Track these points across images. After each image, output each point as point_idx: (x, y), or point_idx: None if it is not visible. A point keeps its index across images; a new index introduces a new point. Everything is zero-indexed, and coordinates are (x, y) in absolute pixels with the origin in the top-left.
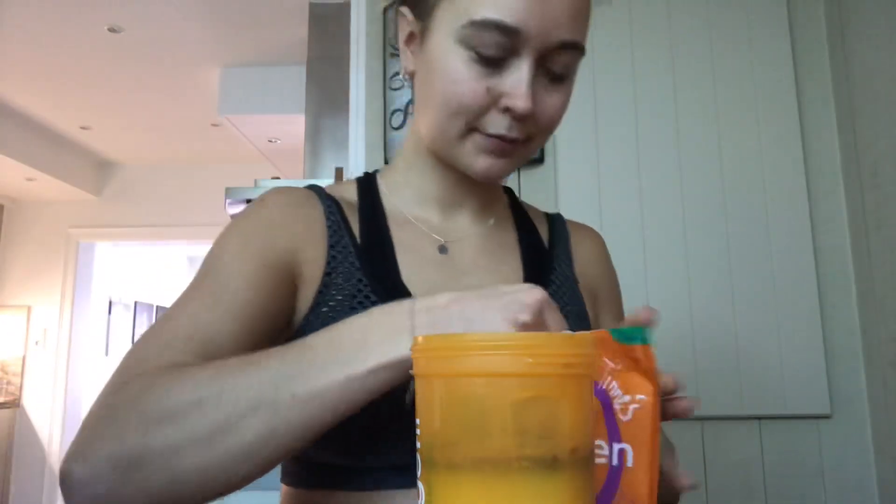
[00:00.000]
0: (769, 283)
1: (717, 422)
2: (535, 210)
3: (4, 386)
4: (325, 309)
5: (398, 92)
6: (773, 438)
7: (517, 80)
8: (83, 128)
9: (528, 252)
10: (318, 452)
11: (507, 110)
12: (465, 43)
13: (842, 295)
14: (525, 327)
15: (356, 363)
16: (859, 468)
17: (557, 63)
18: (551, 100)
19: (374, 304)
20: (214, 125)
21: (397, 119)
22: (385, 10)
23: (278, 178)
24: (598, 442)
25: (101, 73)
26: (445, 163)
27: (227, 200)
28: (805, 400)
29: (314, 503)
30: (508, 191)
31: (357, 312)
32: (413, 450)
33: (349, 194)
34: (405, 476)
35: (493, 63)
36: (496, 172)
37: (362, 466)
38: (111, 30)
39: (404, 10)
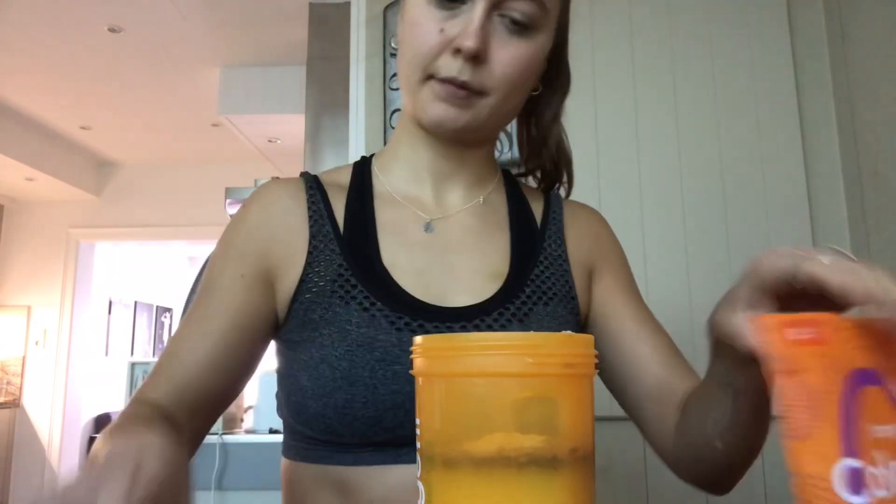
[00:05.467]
0: None
1: None
2: (533, 190)
3: (4, 386)
4: (307, 296)
5: (398, 92)
6: (773, 438)
7: (467, 20)
8: (83, 128)
9: (518, 231)
10: (304, 429)
11: (457, 52)
12: None
13: None
14: None
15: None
16: None
17: (516, 11)
18: (508, 50)
19: (354, 287)
20: (214, 125)
21: (397, 119)
22: (385, 9)
23: (278, 178)
24: None
25: (101, 73)
26: (426, 132)
27: (227, 200)
28: None
29: (304, 474)
30: (506, 171)
31: (338, 297)
32: (390, 427)
33: (343, 178)
34: (384, 453)
35: (449, 6)
36: (449, 122)
37: (343, 443)
38: (111, 30)
39: None
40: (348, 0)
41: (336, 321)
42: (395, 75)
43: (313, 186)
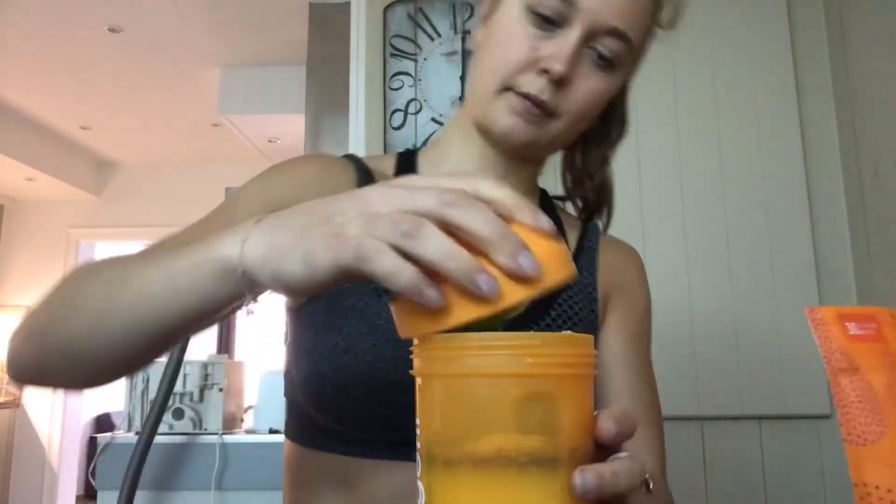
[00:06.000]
0: (769, 283)
1: (717, 422)
2: (570, 216)
3: (4, 386)
4: None
5: (398, 92)
6: (773, 438)
7: (561, 45)
8: (83, 128)
9: None
10: (317, 415)
11: (544, 72)
12: (528, 4)
13: (842, 295)
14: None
15: (185, 257)
16: None
17: (605, 47)
18: (590, 81)
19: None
20: (214, 125)
21: (397, 119)
22: (385, 9)
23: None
24: None
25: (101, 73)
26: (485, 137)
27: None
28: (805, 400)
29: (309, 461)
30: (543, 192)
31: (372, 289)
32: (405, 428)
33: (387, 168)
34: (395, 451)
35: (545, 27)
36: (517, 134)
37: (355, 435)
38: (111, 30)
39: None
40: (348, 0)
41: (366, 313)
42: (395, 75)
43: (364, 170)
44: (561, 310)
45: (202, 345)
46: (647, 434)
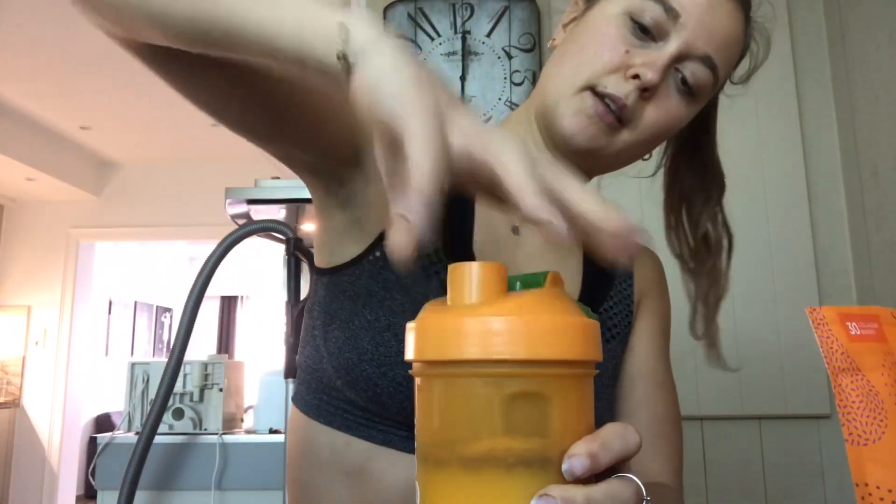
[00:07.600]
0: (769, 283)
1: (717, 422)
2: None
3: (4, 386)
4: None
5: None
6: (773, 438)
7: (657, 55)
8: (83, 128)
9: (589, 262)
10: (346, 389)
11: (634, 77)
12: (628, 10)
13: (842, 295)
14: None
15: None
16: None
17: (692, 73)
18: (670, 102)
19: (438, 263)
20: (214, 125)
21: None
22: (385, 9)
23: (278, 177)
24: None
25: (101, 73)
26: (547, 134)
27: (227, 200)
28: (805, 400)
29: (322, 436)
30: None
31: (422, 267)
32: None
33: None
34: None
35: (641, 36)
36: (582, 138)
37: (382, 416)
38: None
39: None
40: (348, 0)
41: (412, 291)
42: None
43: None
44: (601, 320)
45: (202, 345)
46: (663, 449)
